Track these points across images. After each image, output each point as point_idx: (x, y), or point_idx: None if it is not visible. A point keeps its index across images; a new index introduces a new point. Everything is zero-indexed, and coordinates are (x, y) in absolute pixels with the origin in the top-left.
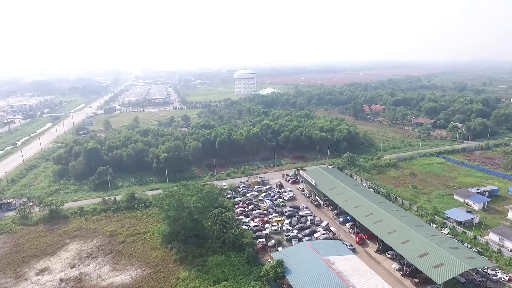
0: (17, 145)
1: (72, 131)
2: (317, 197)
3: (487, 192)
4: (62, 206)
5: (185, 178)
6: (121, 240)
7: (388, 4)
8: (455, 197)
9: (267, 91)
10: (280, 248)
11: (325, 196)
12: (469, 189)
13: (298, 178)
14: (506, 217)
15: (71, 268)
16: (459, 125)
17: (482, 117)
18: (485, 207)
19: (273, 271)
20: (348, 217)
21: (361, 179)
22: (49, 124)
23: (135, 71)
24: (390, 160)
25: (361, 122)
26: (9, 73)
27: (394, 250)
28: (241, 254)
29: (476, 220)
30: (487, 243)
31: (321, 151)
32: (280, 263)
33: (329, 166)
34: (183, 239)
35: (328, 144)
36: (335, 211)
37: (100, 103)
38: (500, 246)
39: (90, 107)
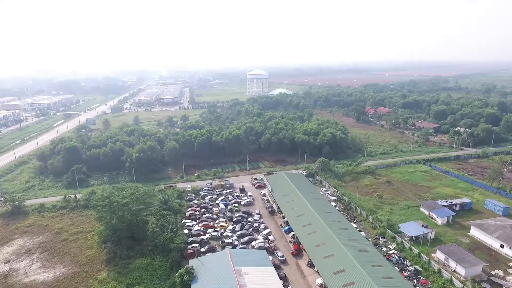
0: (24, 141)
1: (75, 129)
2: (273, 203)
3: (458, 205)
4: (25, 202)
5: (157, 178)
6: (64, 238)
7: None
8: (421, 209)
9: (279, 91)
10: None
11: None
12: (437, 201)
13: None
14: (468, 233)
15: (5, 263)
16: (461, 130)
17: (492, 123)
18: (450, 221)
19: (179, 278)
20: None
21: (328, 186)
22: (59, 122)
23: (162, 70)
24: (368, 166)
25: (362, 125)
26: (46, 72)
27: None
28: (167, 258)
29: (432, 235)
30: (429, 261)
31: (303, 155)
32: (188, 271)
33: (302, 171)
34: (117, 240)
35: (310, 148)
36: (285, 219)
37: (113, 102)
38: (445, 265)
39: (106, 104)
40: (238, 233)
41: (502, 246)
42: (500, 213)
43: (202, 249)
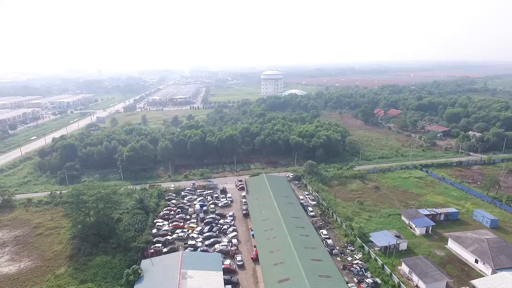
0: (37, 138)
1: (84, 127)
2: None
3: (442, 215)
4: (14, 197)
5: (146, 177)
6: (39, 233)
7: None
8: (402, 217)
9: (292, 92)
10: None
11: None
12: (421, 210)
13: None
14: (446, 245)
15: None
16: (471, 134)
17: (509, 127)
18: (429, 232)
19: (125, 278)
20: None
21: (311, 190)
22: (74, 121)
23: (185, 70)
24: (359, 171)
25: (370, 127)
26: (75, 72)
27: None
28: (127, 257)
29: (404, 246)
30: (391, 274)
31: (298, 156)
32: (135, 271)
33: (289, 174)
34: (84, 237)
35: (304, 150)
36: None
37: (129, 101)
38: (408, 279)
39: (125, 103)
40: (204, 235)
41: (476, 261)
42: (488, 225)
43: (165, 249)
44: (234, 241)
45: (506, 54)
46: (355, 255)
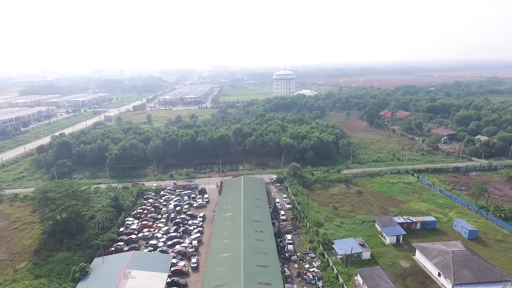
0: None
1: (91, 126)
2: None
3: (418, 223)
4: (3, 191)
5: (133, 175)
6: (15, 227)
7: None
8: (376, 225)
9: (303, 92)
10: None
11: None
12: (396, 217)
13: None
14: (414, 256)
15: None
16: (476, 138)
17: None
18: (400, 241)
19: (71, 275)
20: None
21: (290, 193)
22: (86, 119)
23: (204, 70)
24: (345, 175)
25: (374, 129)
26: (99, 71)
27: None
28: (86, 254)
29: (367, 255)
30: (343, 285)
31: (288, 159)
32: (81, 269)
33: (273, 177)
34: (51, 233)
35: (294, 152)
36: None
37: (141, 100)
38: None
39: (140, 101)
40: (168, 235)
41: (439, 274)
42: (466, 236)
43: (126, 248)
44: (195, 242)
45: None
46: (313, 263)
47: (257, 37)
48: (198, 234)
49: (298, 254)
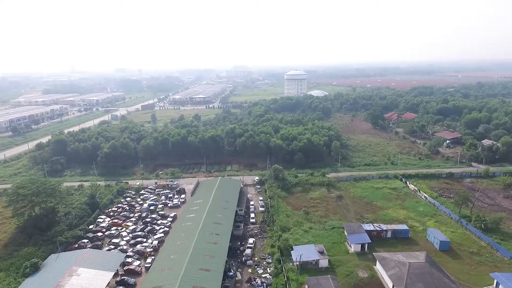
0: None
1: (97, 124)
2: None
3: (389, 232)
4: None
5: (122, 174)
6: None
7: None
8: (345, 231)
9: (314, 92)
10: None
11: None
12: (365, 224)
13: None
14: (375, 266)
15: None
16: (479, 143)
17: None
18: (366, 249)
19: (22, 270)
20: None
21: (267, 196)
22: (97, 117)
23: (223, 70)
24: (329, 178)
25: (377, 132)
26: (122, 71)
27: None
28: (48, 250)
29: (325, 263)
30: None
31: (277, 160)
32: (32, 265)
33: (255, 178)
34: (23, 228)
35: (283, 154)
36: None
37: (153, 100)
38: None
39: (152, 100)
40: (133, 234)
41: (393, 286)
42: (437, 247)
43: (89, 245)
44: (155, 242)
45: None
46: (267, 268)
47: (279, 37)
48: (162, 234)
49: (256, 258)
